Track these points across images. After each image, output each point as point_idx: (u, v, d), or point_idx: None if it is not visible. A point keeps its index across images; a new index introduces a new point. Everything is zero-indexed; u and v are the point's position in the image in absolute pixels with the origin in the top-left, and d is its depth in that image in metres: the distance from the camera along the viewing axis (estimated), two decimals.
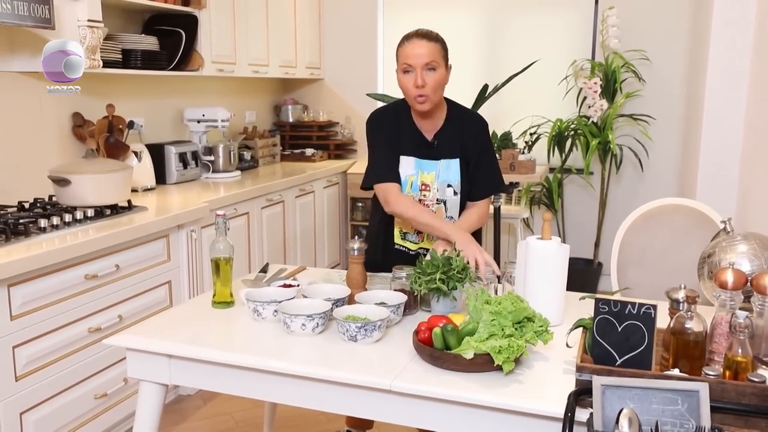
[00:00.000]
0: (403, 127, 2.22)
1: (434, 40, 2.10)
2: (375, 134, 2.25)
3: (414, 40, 2.08)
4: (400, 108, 2.24)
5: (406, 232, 2.27)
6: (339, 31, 5.10)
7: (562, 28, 4.74)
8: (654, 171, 4.60)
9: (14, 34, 2.74)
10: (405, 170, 2.21)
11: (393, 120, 2.23)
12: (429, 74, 2.07)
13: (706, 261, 1.79)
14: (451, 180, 2.21)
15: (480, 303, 1.58)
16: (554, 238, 1.83)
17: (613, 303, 1.41)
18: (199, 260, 3.11)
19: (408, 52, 2.08)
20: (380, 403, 1.52)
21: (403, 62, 2.10)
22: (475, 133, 2.24)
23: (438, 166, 2.20)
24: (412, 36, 2.10)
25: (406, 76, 2.10)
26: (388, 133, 2.21)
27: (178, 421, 2.97)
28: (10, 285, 2.17)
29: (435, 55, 2.08)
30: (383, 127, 2.24)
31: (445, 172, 2.20)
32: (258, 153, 4.52)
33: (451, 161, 2.20)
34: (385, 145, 2.21)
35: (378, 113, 2.29)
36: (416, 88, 2.07)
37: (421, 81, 2.06)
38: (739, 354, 1.33)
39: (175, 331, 1.79)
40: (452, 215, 2.24)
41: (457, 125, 2.22)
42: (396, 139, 2.20)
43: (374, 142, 2.26)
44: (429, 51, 2.07)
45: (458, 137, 2.21)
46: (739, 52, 3.35)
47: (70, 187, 2.72)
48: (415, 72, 2.07)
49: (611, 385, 1.23)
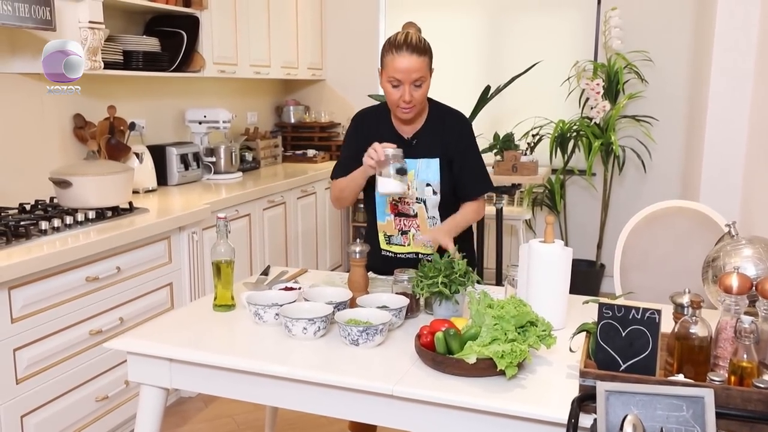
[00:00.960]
0: (382, 127, 2.22)
1: (423, 52, 2.04)
2: (349, 133, 2.31)
3: (404, 54, 2.02)
4: (381, 110, 2.25)
5: (391, 235, 2.25)
6: (340, 32, 5.09)
7: (564, 29, 4.73)
8: (657, 173, 4.58)
9: (15, 36, 2.74)
10: None
11: (373, 121, 2.25)
12: (416, 90, 2.06)
13: (711, 265, 1.78)
14: (430, 179, 2.19)
15: (483, 307, 1.57)
16: (557, 241, 1.81)
17: (617, 308, 1.39)
18: (200, 262, 3.10)
19: (397, 65, 2.02)
20: (382, 407, 1.51)
21: (390, 75, 2.05)
22: (456, 131, 2.22)
23: (417, 164, 2.18)
24: (402, 47, 2.02)
25: (391, 88, 2.07)
26: (362, 134, 2.22)
27: (180, 424, 2.96)
28: (11, 287, 2.16)
29: (423, 70, 2.04)
30: (359, 128, 2.27)
31: (424, 172, 2.18)
32: (259, 154, 4.51)
33: (431, 161, 2.18)
34: (351, 147, 2.25)
35: (360, 113, 2.32)
36: (403, 102, 2.07)
37: (408, 97, 2.05)
38: (744, 359, 1.31)
39: (175, 334, 1.78)
40: (433, 215, 2.21)
41: (438, 124, 2.21)
42: (372, 140, 2.17)
43: (345, 141, 2.33)
44: (418, 66, 2.02)
45: (438, 136, 2.20)
46: (742, 54, 3.34)
47: (71, 188, 2.72)
48: (402, 87, 2.04)
49: (615, 391, 1.22)
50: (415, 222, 2.21)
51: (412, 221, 2.21)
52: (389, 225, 2.24)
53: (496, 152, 4.26)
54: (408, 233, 2.22)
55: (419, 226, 2.21)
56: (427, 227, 2.21)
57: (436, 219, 2.22)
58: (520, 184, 4.22)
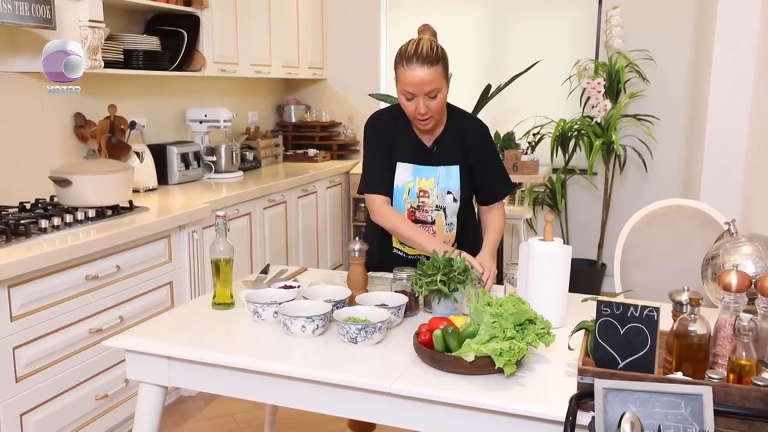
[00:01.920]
0: (401, 132, 2.17)
1: (435, 62, 1.97)
2: (369, 141, 2.21)
3: (415, 66, 1.95)
4: (399, 113, 2.16)
5: None
6: (341, 31, 5.09)
7: (565, 28, 4.72)
8: (658, 172, 4.58)
9: (15, 35, 2.74)
10: (402, 177, 2.16)
11: (391, 125, 2.18)
12: (431, 101, 2.00)
13: (710, 263, 1.78)
14: (450, 187, 2.16)
15: (481, 305, 1.57)
16: (556, 239, 1.81)
17: (616, 305, 1.39)
18: (200, 261, 3.10)
19: (408, 79, 1.97)
20: (380, 405, 1.51)
21: (403, 89, 2.00)
22: (477, 138, 2.19)
23: (437, 172, 2.15)
24: (413, 60, 1.96)
25: (407, 101, 2.03)
26: (384, 139, 2.17)
27: (179, 423, 2.97)
28: (11, 286, 2.16)
29: (437, 81, 1.98)
30: (379, 133, 2.19)
31: (444, 179, 2.16)
32: (260, 153, 4.52)
33: (451, 168, 2.16)
34: (378, 153, 2.17)
35: (376, 117, 2.24)
36: (419, 114, 2.02)
37: (424, 109, 2.00)
38: (743, 357, 1.31)
39: (174, 332, 1.78)
40: (452, 222, 2.20)
41: (458, 131, 2.18)
42: (393, 145, 2.16)
43: (367, 149, 2.22)
44: (431, 78, 1.96)
45: (459, 143, 2.16)
46: (743, 53, 3.33)
47: (71, 187, 2.72)
48: (417, 99, 2.00)
49: (613, 389, 1.21)
50: (431, 228, 2.19)
51: (429, 228, 2.19)
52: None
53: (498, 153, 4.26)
54: None
55: (435, 233, 2.19)
56: (443, 234, 2.19)
57: (453, 225, 2.21)
58: (521, 184, 4.22)
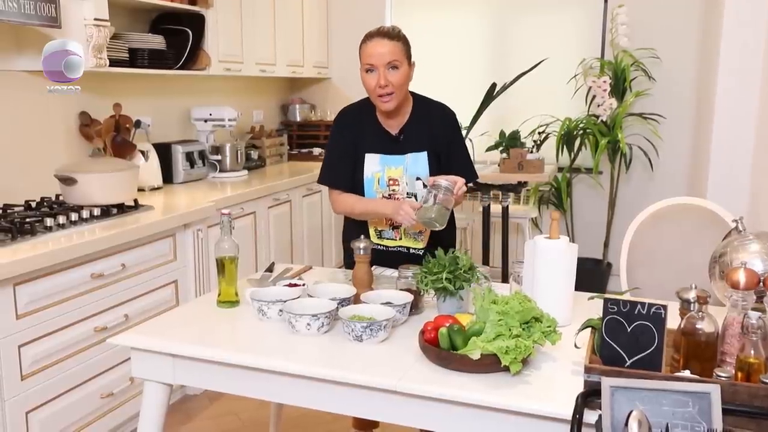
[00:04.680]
0: (367, 125, 2.24)
1: (396, 38, 2.10)
2: (333, 134, 2.31)
3: (375, 39, 2.09)
4: (364, 106, 2.25)
5: (382, 230, 2.27)
6: (346, 30, 5.08)
7: (570, 26, 4.71)
8: (664, 170, 4.55)
9: (21, 33, 2.74)
10: (371, 168, 2.22)
11: (356, 119, 2.26)
12: (392, 73, 2.08)
13: (718, 261, 1.77)
14: (420, 173, 2.20)
15: (487, 303, 1.56)
16: (562, 237, 1.80)
17: (623, 303, 1.38)
18: (205, 260, 3.10)
19: (370, 51, 2.08)
20: (385, 403, 1.50)
21: (365, 62, 2.10)
22: (443, 124, 2.24)
23: (405, 160, 2.20)
24: (374, 35, 2.10)
25: (368, 75, 2.11)
26: (348, 133, 2.24)
27: (184, 421, 2.97)
28: (16, 284, 2.17)
29: (397, 54, 2.08)
30: (343, 128, 2.27)
31: (413, 166, 2.20)
32: (265, 152, 4.52)
33: (419, 154, 2.20)
34: (337, 147, 2.26)
35: (342, 112, 2.33)
36: (379, 87, 2.09)
37: (384, 80, 2.08)
38: (751, 355, 1.30)
39: (178, 330, 1.78)
40: None
41: (424, 118, 2.23)
42: (359, 138, 2.22)
43: (330, 142, 2.32)
44: (390, 50, 2.07)
45: (425, 130, 2.21)
46: (750, 52, 3.31)
47: (76, 186, 2.72)
48: (377, 71, 2.08)
49: (620, 387, 1.21)
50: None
51: None
52: (380, 220, 2.25)
53: (502, 150, 4.24)
54: (399, 228, 2.24)
55: None
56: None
57: None
58: (526, 182, 4.20)
